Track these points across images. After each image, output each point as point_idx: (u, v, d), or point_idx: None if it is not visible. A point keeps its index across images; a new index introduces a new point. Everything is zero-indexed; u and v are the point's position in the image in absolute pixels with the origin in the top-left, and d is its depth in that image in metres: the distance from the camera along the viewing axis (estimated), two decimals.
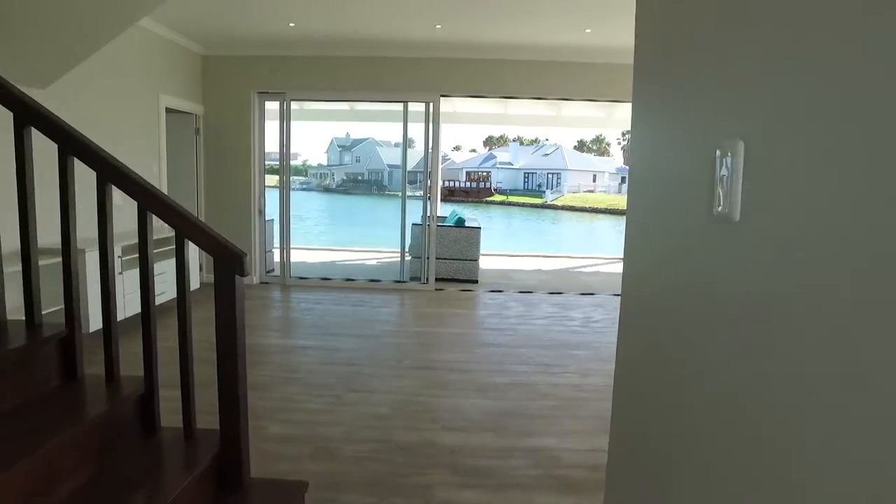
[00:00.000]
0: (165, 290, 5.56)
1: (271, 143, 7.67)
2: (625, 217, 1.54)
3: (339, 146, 58.97)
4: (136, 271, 2.22)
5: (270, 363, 4.55)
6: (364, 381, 4.22)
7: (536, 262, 10.45)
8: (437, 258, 7.71)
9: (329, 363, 4.60)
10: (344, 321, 5.87)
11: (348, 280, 7.74)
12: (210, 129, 7.37)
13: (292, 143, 7.51)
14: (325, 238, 18.56)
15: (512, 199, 50.38)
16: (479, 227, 8.34)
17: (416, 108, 7.41)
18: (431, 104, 7.23)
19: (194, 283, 6.19)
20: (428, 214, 7.47)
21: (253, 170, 7.42)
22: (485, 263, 8.73)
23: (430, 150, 7.34)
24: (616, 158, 60.13)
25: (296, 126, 7.59)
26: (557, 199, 48.59)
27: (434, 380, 4.27)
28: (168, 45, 6.52)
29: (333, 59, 7.21)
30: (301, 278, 7.68)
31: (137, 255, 2.13)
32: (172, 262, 2.19)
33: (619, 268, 8.50)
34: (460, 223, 8.35)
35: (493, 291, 7.57)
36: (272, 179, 7.90)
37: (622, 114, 10.79)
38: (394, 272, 8.17)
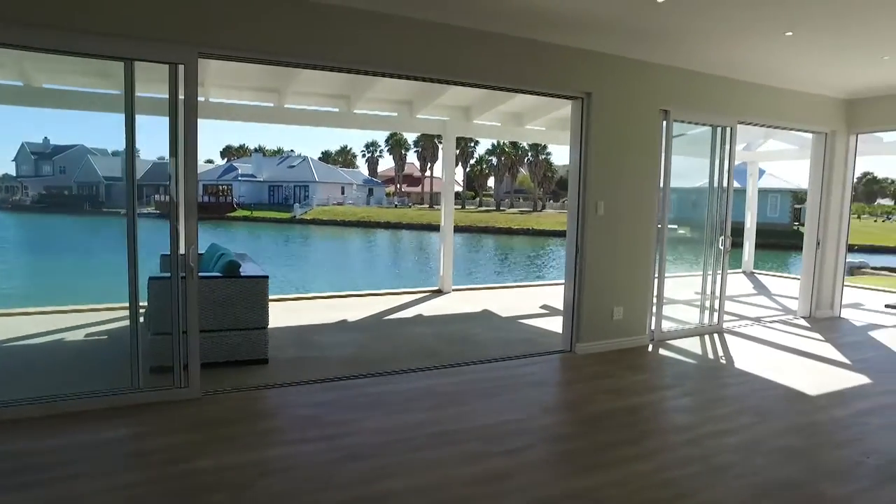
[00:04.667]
0: None
1: None
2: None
3: (32, 153, 47.05)
4: None
5: None
6: None
7: (333, 307, 7.47)
8: (200, 331, 4.25)
9: None
10: None
11: (24, 403, 3.81)
12: None
13: None
14: None
15: (257, 214, 45.33)
16: (266, 277, 5.10)
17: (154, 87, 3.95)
18: (182, 68, 3.84)
19: None
20: (181, 252, 4.00)
21: None
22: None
23: (180, 145, 3.90)
24: (362, 170, 58.84)
25: None
26: (307, 213, 45.13)
27: None
28: None
29: None
30: None
31: None
32: None
33: (443, 304, 4.91)
34: (232, 270, 5.00)
35: (297, 384, 4.44)
36: None
37: (427, 113, 8.46)
38: (120, 367, 4.36)
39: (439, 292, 8.82)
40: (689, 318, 6.47)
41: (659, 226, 5.89)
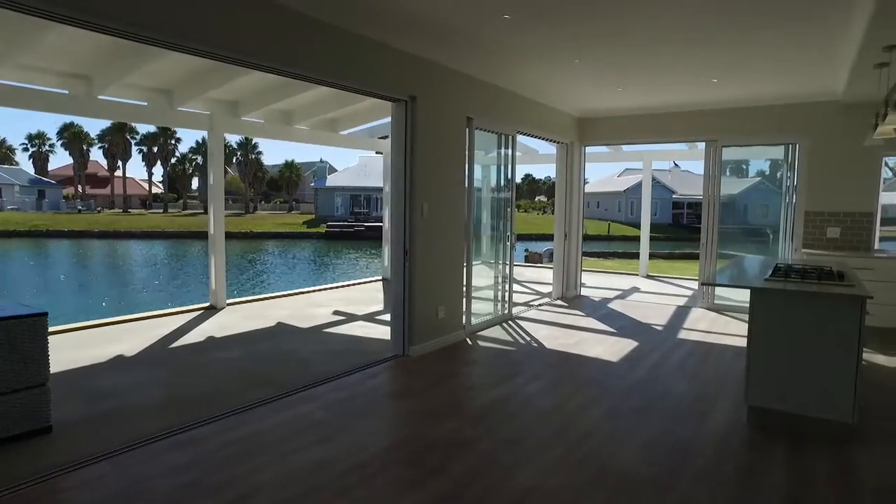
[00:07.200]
0: None
1: None
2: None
3: None
4: None
5: None
6: None
7: (87, 341, 5.84)
8: None
9: None
10: None
11: None
12: None
13: None
14: None
15: None
16: (44, 314, 3.70)
17: None
18: None
19: None
20: None
21: None
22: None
23: None
24: (26, 168, 46.94)
25: None
26: None
27: None
28: None
29: None
30: None
31: None
32: None
33: (227, 322, 5.16)
34: None
35: (124, 451, 3.37)
36: None
37: (190, 106, 7.23)
38: None
39: (213, 308, 7.70)
40: (485, 310, 6.99)
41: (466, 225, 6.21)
